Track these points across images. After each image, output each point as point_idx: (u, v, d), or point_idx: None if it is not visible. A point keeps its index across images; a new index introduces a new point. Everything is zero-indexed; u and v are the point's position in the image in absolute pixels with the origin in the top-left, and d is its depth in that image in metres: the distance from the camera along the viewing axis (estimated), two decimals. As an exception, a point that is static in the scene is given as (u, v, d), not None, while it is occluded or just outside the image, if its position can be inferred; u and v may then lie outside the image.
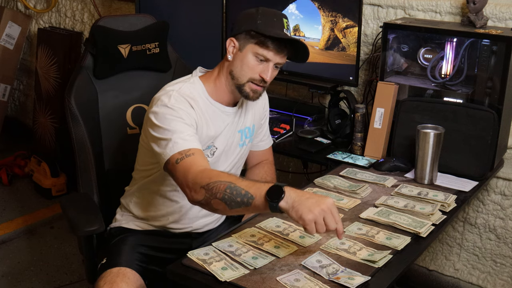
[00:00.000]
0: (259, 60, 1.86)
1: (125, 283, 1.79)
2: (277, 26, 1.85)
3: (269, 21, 1.85)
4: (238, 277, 1.56)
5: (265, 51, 1.84)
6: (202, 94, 1.93)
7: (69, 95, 2.14)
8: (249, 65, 1.87)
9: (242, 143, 2.06)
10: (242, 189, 1.59)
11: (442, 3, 2.50)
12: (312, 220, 1.51)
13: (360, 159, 2.34)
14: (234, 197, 1.59)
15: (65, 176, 3.73)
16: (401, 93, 2.42)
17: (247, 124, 2.06)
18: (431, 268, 2.83)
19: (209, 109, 1.93)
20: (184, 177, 1.69)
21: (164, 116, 1.80)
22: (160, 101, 1.84)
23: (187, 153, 1.73)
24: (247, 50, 1.86)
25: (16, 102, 4.60)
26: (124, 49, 2.26)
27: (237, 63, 1.88)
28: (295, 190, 1.56)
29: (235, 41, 1.88)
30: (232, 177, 1.66)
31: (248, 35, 1.85)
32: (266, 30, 1.83)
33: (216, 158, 1.99)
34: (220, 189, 1.61)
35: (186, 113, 1.83)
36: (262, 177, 2.15)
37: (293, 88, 3.03)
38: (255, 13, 1.87)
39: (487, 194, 2.59)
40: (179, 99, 1.85)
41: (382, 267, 1.62)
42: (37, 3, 4.20)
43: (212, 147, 1.96)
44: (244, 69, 1.87)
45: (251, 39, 1.85)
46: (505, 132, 2.32)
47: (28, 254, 3.16)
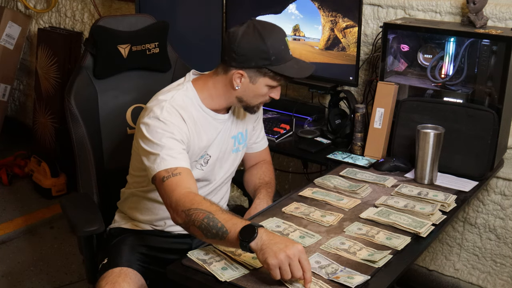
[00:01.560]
0: (272, 88, 1.88)
1: (126, 283, 1.79)
2: (286, 54, 1.84)
3: (280, 53, 1.81)
4: (238, 277, 1.56)
5: (278, 82, 1.87)
6: (195, 101, 1.91)
7: (69, 95, 2.14)
8: (261, 94, 1.88)
9: (236, 149, 2.05)
10: (219, 222, 1.60)
11: (442, 3, 2.50)
12: (276, 265, 1.48)
13: (360, 159, 2.34)
14: (210, 228, 1.61)
15: (65, 176, 3.73)
16: (401, 93, 2.42)
17: (240, 129, 2.06)
18: (431, 268, 2.83)
19: (202, 117, 1.92)
20: (169, 197, 1.72)
21: (155, 130, 1.80)
22: (152, 113, 1.83)
23: (174, 171, 1.74)
24: (261, 83, 1.85)
25: (16, 102, 4.60)
26: (124, 49, 2.26)
27: (248, 93, 1.87)
28: (268, 233, 1.55)
29: (244, 73, 1.83)
30: (213, 206, 1.66)
31: (260, 71, 1.82)
32: (282, 69, 1.82)
33: (211, 167, 1.98)
34: (199, 218, 1.63)
35: (177, 128, 1.82)
36: (261, 177, 2.15)
37: (293, 88, 3.03)
38: (262, 42, 1.79)
39: (487, 194, 2.59)
40: (171, 112, 1.83)
41: (382, 267, 1.62)
42: (37, 3, 4.20)
43: (205, 156, 1.96)
44: (256, 97, 1.89)
45: (265, 75, 1.83)
46: (505, 132, 2.32)
47: (28, 254, 3.16)
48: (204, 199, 1.70)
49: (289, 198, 2.01)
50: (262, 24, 1.84)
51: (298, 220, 1.86)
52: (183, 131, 1.83)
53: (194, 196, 1.70)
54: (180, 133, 1.82)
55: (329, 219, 1.86)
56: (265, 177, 2.16)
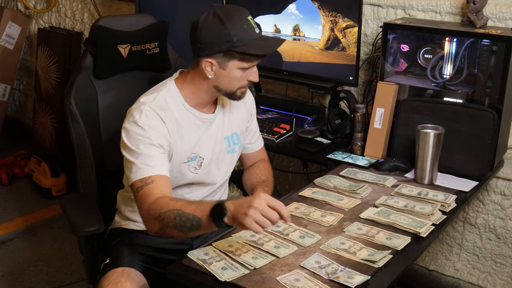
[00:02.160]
0: (245, 69, 1.85)
1: (129, 283, 1.79)
2: (251, 33, 1.80)
3: (243, 33, 1.78)
4: (238, 277, 1.56)
5: (250, 63, 1.83)
6: (178, 100, 1.91)
7: (68, 95, 2.14)
8: (237, 78, 1.85)
9: (231, 150, 2.04)
10: (189, 215, 1.64)
11: (442, 3, 2.50)
12: (251, 222, 1.53)
13: (360, 159, 2.34)
14: (184, 223, 1.64)
15: (65, 176, 3.73)
16: (401, 93, 2.42)
17: (234, 129, 2.04)
18: (431, 268, 2.83)
19: (185, 116, 1.91)
20: (141, 208, 1.76)
21: (132, 136, 1.81)
22: (132, 117, 1.84)
23: (147, 181, 1.76)
24: (231, 67, 1.82)
25: (16, 102, 4.60)
26: (124, 49, 2.26)
27: (222, 79, 1.85)
28: (233, 202, 1.59)
29: (212, 61, 1.81)
30: (179, 202, 1.70)
31: (227, 54, 1.80)
32: (247, 48, 1.78)
33: (206, 169, 1.97)
34: (171, 218, 1.66)
35: (155, 132, 1.81)
36: (258, 176, 2.14)
37: (293, 88, 3.03)
38: (222, 26, 1.77)
39: (487, 194, 2.59)
40: (150, 115, 1.83)
41: (382, 267, 1.62)
42: (37, 3, 4.20)
43: (197, 158, 1.94)
44: (232, 83, 1.86)
45: (233, 57, 1.80)
46: (505, 132, 2.32)
47: (28, 254, 3.16)
48: (170, 199, 1.73)
49: (289, 198, 2.01)
50: (222, 8, 1.83)
51: (298, 220, 1.86)
52: (162, 134, 1.83)
53: (161, 200, 1.73)
54: (159, 137, 1.82)
55: (329, 219, 1.86)
56: (262, 176, 2.15)
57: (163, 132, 1.83)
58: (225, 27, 1.77)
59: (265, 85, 3.10)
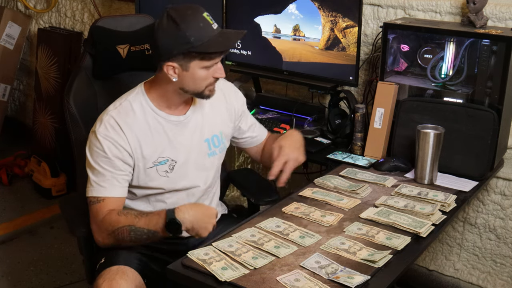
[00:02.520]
0: (209, 67, 1.82)
1: (124, 281, 1.79)
2: (208, 30, 1.78)
3: (200, 31, 1.76)
4: (238, 277, 1.56)
5: (213, 60, 1.81)
6: (145, 104, 1.90)
7: (68, 95, 2.14)
8: (201, 77, 1.83)
9: (211, 153, 2.01)
10: (143, 229, 1.78)
11: (442, 3, 2.50)
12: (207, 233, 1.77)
13: (360, 159, 2.34)
14: (140, 236, 1.80)
15: (65, 176, 3.73)
16: (401, 93, 2.42)
17: (215, 132, 2.01)
18: (431, 268, 2.83)
19: (153, 120, 1.90)
20: (92, 222, 1.88)
21: (91, 147, 1.87)
22: (94, 126, 1.89)
23: (98, 198, 1.86)
24: (193, 68, 1.80)
25: (16, 102, 4.60)
26: (122, 50, 2.26)
27: (187, 81, 1.83)
28: (185, 211, 1.76)
29: (174, 64, 1.80)
30: (129, 218, 1.80)
31: (187, 56, 1.78)
32: (206, 47, 1.76)
33: (181, 172, 1.95)
34: (125, 234, 1.80)
35: (109, 145, 1.84)
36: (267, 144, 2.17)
37: (293, 88, 3.03)
38: (176, 28, 1.75)
39: (487, 194, 2.59)
40: (108, 126, 1.85)
41: (382, 267, 1.62)
42: (37, 3, 4.20)
43: (168, 161, 1.92)
44: (198, 83, 1.84)
45: (193, 58, 1.78)
46: (505, 132, 2.32)
47: (28, 254, 3.16)
48: (118, 214, 1.82)
49: (289, 198, 2.01)
50: (175, 9, 1.79)
51: (298, 220, 1.86)
52: (119, 144, 1.85)
53: (110, 217, 1.83)
54: (116, 148, 1.84)
55: (329, 219, 1.86)
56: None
57: (121, 142, 1.85)
58: (180, 29, 1.75)
59: (265, 85, 3.10)
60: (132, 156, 1.87)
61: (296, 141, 2.02)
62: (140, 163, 1.89)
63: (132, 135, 1.86)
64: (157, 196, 1.97)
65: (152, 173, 1.91)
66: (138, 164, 1.89)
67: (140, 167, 1.90)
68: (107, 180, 1.85)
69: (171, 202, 1.98)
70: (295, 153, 1.97)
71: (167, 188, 1.95)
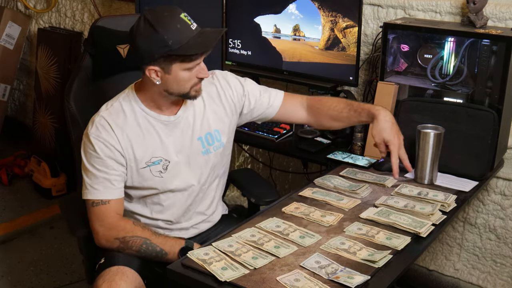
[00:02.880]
0: (191, 69, 1.81)
1: (124, 282, 1.79)
2: (186, 31, 1.76)
3: (177, 34, 1.74)
4: (238, 277, 1.56)
5: (194, 62, 1.80)
6: (135, 104, 1.90)
7: (68, 96, 2.14)
8: (184, 79, 1.82)
9: (205, 151, 1.99)
10: (157, 246, 1.83)
11: (442, 3, 2.50)
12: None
13: (360, 159, 2.34)
14: (149, 252, 1.83)
15: (65, 176, 3.73)
16: (401, 93, 2.42)
17: (209, 129, 1.99)
18: (431, 268, 2.83)
19: (144, 120, 1.90)
20: (98, 224, 1.87)
21: (85, 149, 1.88)
22: (87, 127, 1.89)
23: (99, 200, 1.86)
24: (175, 70, 1.79)
25: (16, 102, 4.60)
26: (123, 49, 2.26)
27: (170, 83, 1.82)
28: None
29: (155, 68, 1.78)
30: (146, 232, 1.84)
31: (167, 59, 1.76)
32: (185, 49, 1.74)
33: (174, 171, 1.94)
34: (137, 244, 1.83)
35: (101, 145, 1.85)
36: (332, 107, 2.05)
37: (293, 88, 3.03)
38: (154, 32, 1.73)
39: (487, 194, 2.59)
40: (100, 127, 1.86)
41: (382, 267, 1.62)
42: (37, 3, 4.20)
43: (162, 161, 1.92)
44: (181, 84, 1.83)
45: (174, 60, 1.77)
46: (505, 132, 2.32)
47: (28, 254, 3.16)
48: (134, 224, 1.85)
49: (289, 198, 2.01)
50: (152, 12, 1.76)
51: (298, 220, 1.86)
52: (110, 144, 1.85)
53: (125, 223, 1.85)
54: (107, 148, 1.85)
55: (329, 219, 1.86)
56: (338, 104, 2.06)
57: (112, 142, 1.86)
58: (157, 32, 1.73)
59: (265, 85, 3.09)
60: (124, 156, 1.88)
61: (394, 124, 1.96)
62: (132, 164, 1.89)
63: (123, 135, 1.87)
64: (153, 198, 1.98)
65: (146, 174, 1.91)
66: (131, 164, 1.89)
67: (133, 167, 1.90)
68: (101, 182, 1.86)
69: (168, 204, 1.99)
70: (398, 138, 1.95)
71: (161, 188, 1.95)
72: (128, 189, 1.94)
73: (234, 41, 2.90)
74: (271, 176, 3.23)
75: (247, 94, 2.06)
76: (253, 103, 2.06)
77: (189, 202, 2.01)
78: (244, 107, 2.06)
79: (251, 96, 2.06)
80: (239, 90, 2.04)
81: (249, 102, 2.06)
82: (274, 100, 2.09)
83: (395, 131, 1.95)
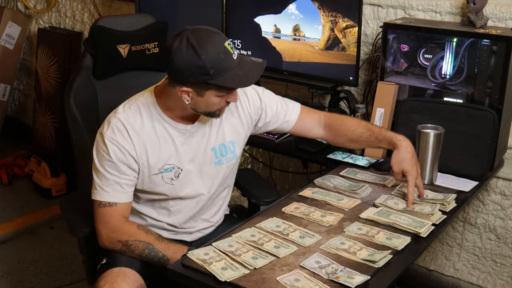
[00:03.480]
0: (224, 96, 1.79)
1: (125, 283, 1.79)
2: (228, 62, 1.72)
3: (220, 64, 1.70)
4: (238, 277, 1.56)
5: (229, 92, 1.78)
6: (153, 110, 1.87)
7: (68, 95, 2.14)
8: (215, 103, 1.80)
9: (218, 161, 1.97)
10: (159, 252, 1.82)
11: (442, 3, 2.50)
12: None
13: (360, 159, 2.34)
14: (151, 257, 1.83)
15: (65, 176, 3.73)
16: (401, 93, 2.42)
17: (223, 141, 1.97)
18: (431, 268, 2.83)
19: (161, 127, 1.88)
20: (103, 225, 1.86)
21: (98, 150, 1.86)
22: (102, 127, 1.87)
23: (110, 203, 1.85)
24: (209, 95, 1.76)
25: (16, 102, 4.60)
26: (123, 49, 2.26)
27: (200, 105, 1.80)
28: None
29: (189, 90, 1.75)
30: (149, 236, 1.84)
31: (204, 85, 1.73)
32: (224, 80, 1.72)
33: (185, 179, 1.93)
34: (139, 248, 1.83)
35: (115, 149, 1.83)
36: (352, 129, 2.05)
37: (293, 88, 3.03)
38: (196, 57, 1.68)
39: (487, 194, 2.59)
40: (115, 129, 1.83)
41: (382, 267, 1.62)
42: (37, 3, 4.20)
43: (174, 169, 1.91)
44: (210, 107, 1.81)
45: (210, 88, 1.74)
46: (505, 132, 2.32)
47: (28, 254, 3.16)
48: (138, 228, 1.85)
49: (289, 198, 2.01)
50: (196, 34, 1.71)
51: (298, 220, 1.86)
52: (125, 148, 1.83)
53: (130, 227, 1.86)
54: (121, 153, 1.83)
55: (329, 219, 1.86)
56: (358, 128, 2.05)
57: (127, 147, 1.84)
58: (200, 58, 1.68)
59: (265, 85, 3.09)
60: (137, 162, 1.86)
61: (413, 155, 1.96)
62: (145, 169, 1.88)
63: (138, 141, 1.85)
64: (161, 203, 1.97)
65: (157, 180, 1.90)
66: (143, 170, 1.88)
67: (145, 173, 1.88)
68: (111, 185, 1.84)
69: (175, 210, 1.99)
70: (417, 169, 1.95)
71: (171, 195, 1.94)
72: (138, 192, 1.94)
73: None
74: (271, 176, 3.23)
75: (264, 108, 2.03)
76: (270, 116, 2.05)
77: (196, 209, 2.01)
78: (260, 120, 2.04)
79: (268, 109, 2.04)
80: (257, 103, 2.02)
81: (265, 115, 2.04)
82: (290, 115, 2.07)
83: (414, 161, 1.95)
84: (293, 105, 2.09)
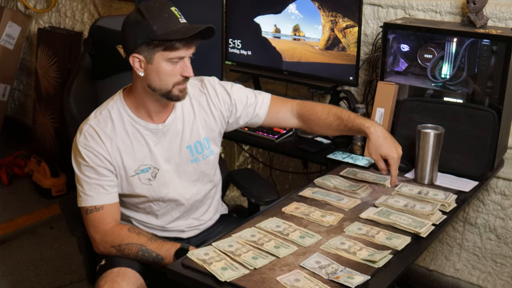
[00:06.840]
0: (174, 62, 1.80)
1: (125, 283, 1.79)
2: (173, 21, 1.78)
3: (164, 22, 1.76)
4: (238, 277, 1.56)
5: (177, 53, 1.78)
6: (124, 111, 1.89)
7: (68, 96, 2.14)
8: (166, 73, 1.80)
9: (194, 159, 1.98)
10: (153, 252, 1.82)
11: (442, 3, 2.50)
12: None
13: (360, 159, 2.34)
14: (146, 258, 1.83)
15: (65, 176, 3.73)
16: (401, 93, 2.42)
17: (198, 138, 1.98)
18: (431, 268, 2.83)
19: (132, 128, 1.89)
20: (93, 231, 1.87)
21: (75, 158, 1.88)
22: (76, 135, 1.88)
23: (96, 207, 1.86)
24: (157, 60, 1.78)
25: (16, 102, 4.60)
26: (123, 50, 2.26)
27: (152, 76, 1.81)
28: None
29: (139, 56, 1.79)
30: (141, 238, 1.84)
31: (150, 45, 1.77)
32: (167, 34, 1.75)
33: (164, 180, 1.94)
34: (133, 251, 1.83)
35: (90, 155, 1.85)
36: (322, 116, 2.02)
37: (293, 88, 3.03)
38: (142, 18, 1.76)
39: (487, 194, 2.59)
40: (87, 135, 1.86)
41: (382, 267, 1.62)
42: (37, 3, 4.20)
43: (151, 169, 1.92)
44: (163, 79, 1.81)
45: (156, 48, 1.77)
46: (505, 132, 2.32)
47: (28, 254, 3.16)
48: (129, 230, 1.85)
49: (289, 198, 2.01)
50: (145, 4, 1.79)
51: (298, 220, 1.86)
52: (99, 153, 1.85)
53: (120, 230, 1.85)
54: (96, 157, 1.85)
55: (329, 219, 1.86)
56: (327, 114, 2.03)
57: (101, 151, 1.85)
58: (145, 19, 1.76)
59: (265, 85, 3.10)
60: (113, 165, 1.88)
61: (387, 138, 1.93)
62: (121, 172, 1.89)
63: (111, 144, 1.87)
64: (146, 208, 1.98)
65: (135, 182, 1.91)
66: (120, 172, 1.89)
67: (122, 175, 1.90)
68: (93, 188, 1.86)
69: (162, 213, 2.00)
70: (396, 150, 1.92)
71: (151, 196, 1.95)
72: (121, 196, 1.94)
73: (234, 41, 2.90)
74: (271, 176, 3.24)
75: (234, 103, 2.03)
76: (240, 111, 2.05)
77: (182, 210, 2.02)
78: (231, 115, 2.05)
79: (238, 104, 2.04)
80: (226, 99, 2.02)
81: (235, 110, 2.04)
82: (260, 108, 2.06)
83: (391, 144, 1.92)
84: (262, 97, 2.08)
